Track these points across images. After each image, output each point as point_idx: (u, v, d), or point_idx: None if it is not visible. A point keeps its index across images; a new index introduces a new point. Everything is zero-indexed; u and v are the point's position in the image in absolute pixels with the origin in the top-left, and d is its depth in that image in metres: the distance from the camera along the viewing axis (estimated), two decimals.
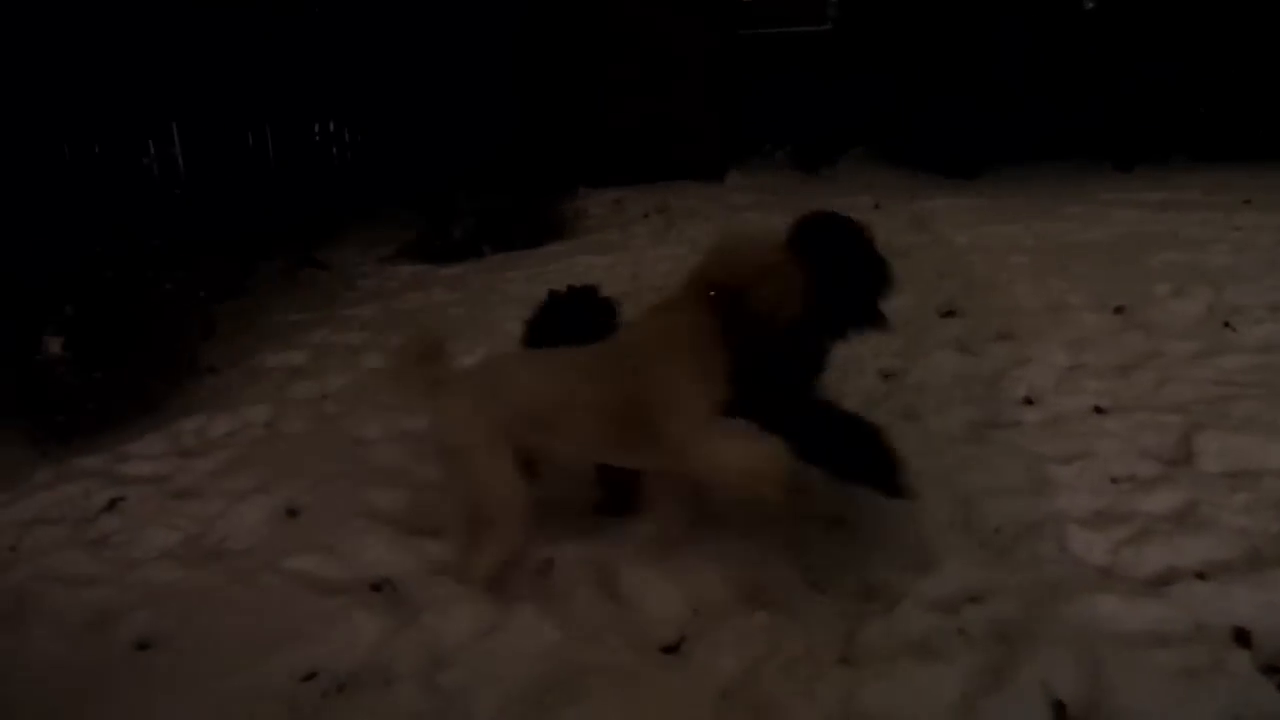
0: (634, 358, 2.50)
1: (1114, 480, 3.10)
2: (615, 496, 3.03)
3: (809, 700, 2.22)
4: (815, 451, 2.58)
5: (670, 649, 2.47)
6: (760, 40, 10.48)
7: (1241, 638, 2.34)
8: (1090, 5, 8.86)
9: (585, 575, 2.74)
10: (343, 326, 5.32)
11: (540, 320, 3.15)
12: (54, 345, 4.01)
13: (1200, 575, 2.58)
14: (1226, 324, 4.37)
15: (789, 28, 10.57)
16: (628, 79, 9.59)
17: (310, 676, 2.46)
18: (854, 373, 4.22)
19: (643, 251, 6.84)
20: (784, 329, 2.50)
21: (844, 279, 2.71)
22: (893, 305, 4.90)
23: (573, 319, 3.07)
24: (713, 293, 2.51)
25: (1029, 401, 3.76)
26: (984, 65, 8.85)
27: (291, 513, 3.34)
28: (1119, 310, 4.67)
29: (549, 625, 2.54)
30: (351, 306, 5.76)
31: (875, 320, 2.83)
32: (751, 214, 7.84)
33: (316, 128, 8.47)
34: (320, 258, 7.29)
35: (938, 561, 2.70)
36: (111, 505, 3.55)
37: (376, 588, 2.81)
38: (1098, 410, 3.62)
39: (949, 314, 4.96)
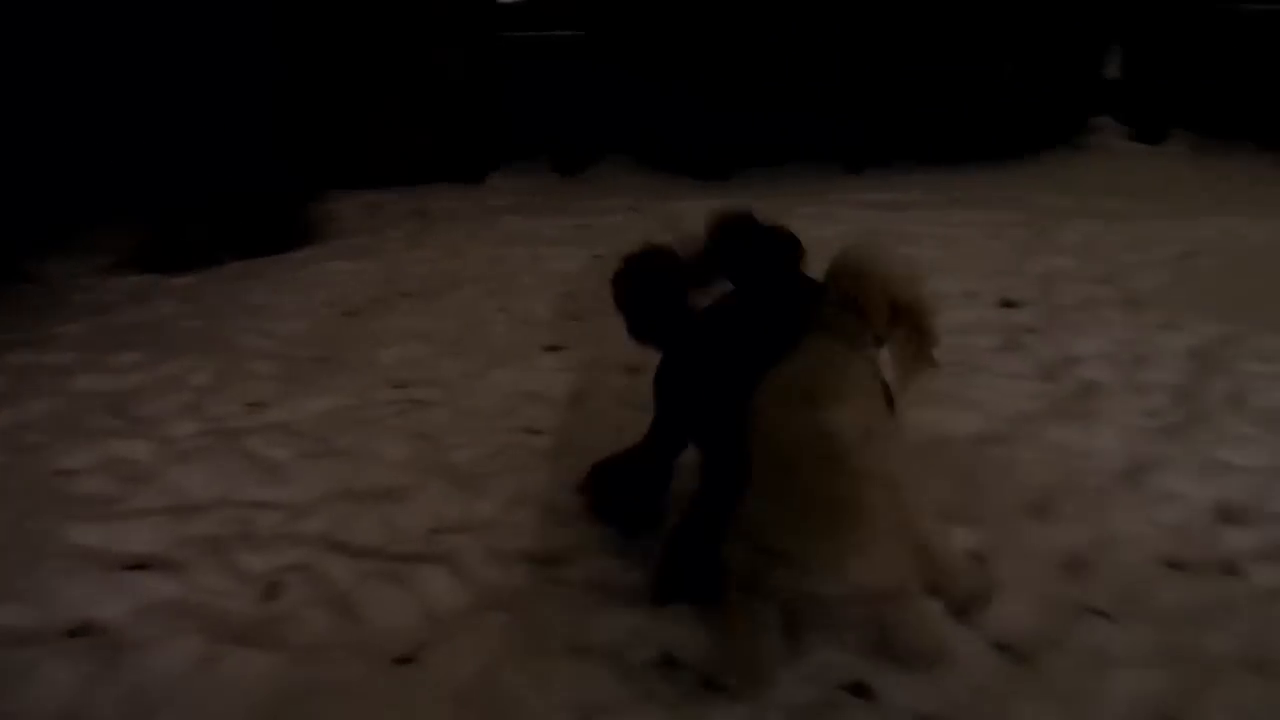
0: None
1: None
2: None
3: (543, 694, 2.24)
4: None
5: (404, 660, 2.41)
6: (520, 43, 10.48)
7: None
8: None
9: (313, 595, 2.63)
10: (49, 346, 4.80)
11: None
12: None
13: None
14: None
15: (548, 31, 10.65)
16: (385, 80, 9.31)
17: None
18: (602, 368, 4.32)
19: (397, 256, 6.67)
20: None
21: None
22: None
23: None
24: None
25: None
26: (730, 73, 9.33)
27: None
28: None
29: (271, 651, 2.41)
30: (62, 323, 5.20)
31: None
32: (512, 218, 7.83)
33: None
34: (30, 269, 6.54)
35: None
36: None
37: (74, 633, 2.55)
38: None
39: None
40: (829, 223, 7.29)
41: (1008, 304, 4.99)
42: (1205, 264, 5.60)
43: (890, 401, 2.49)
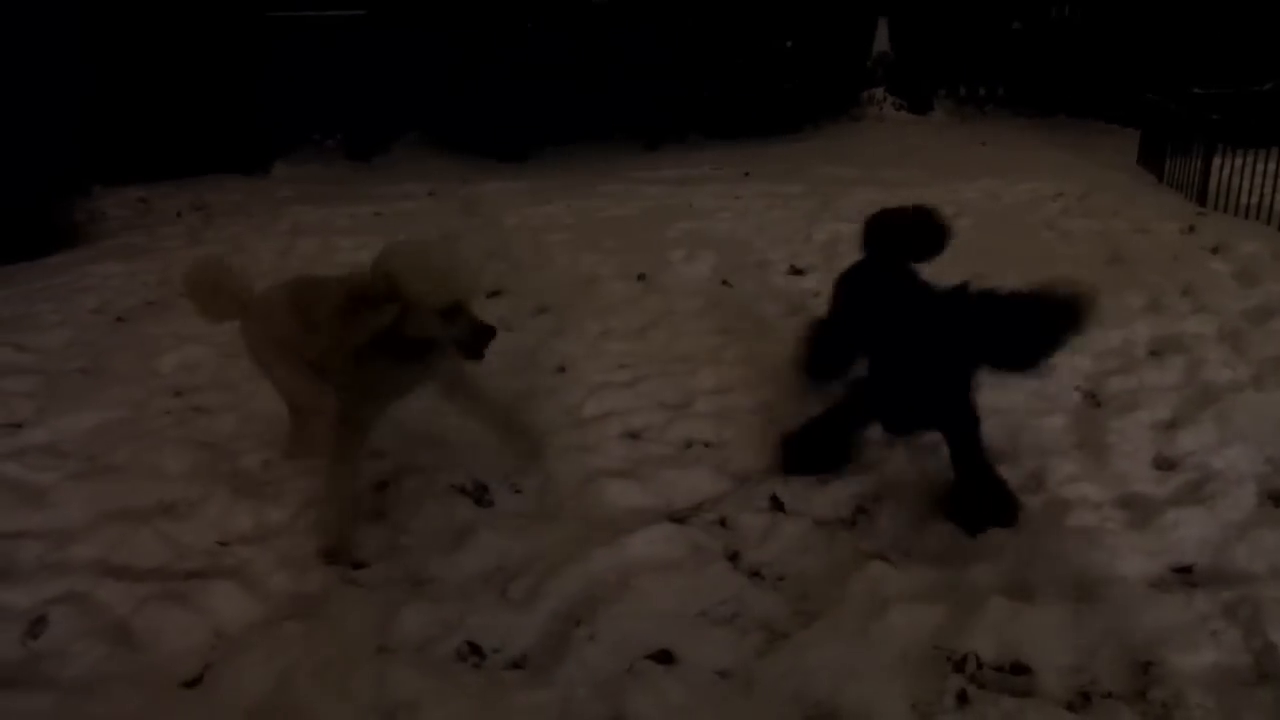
0: None
1: (632, 435, 3.42)
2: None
3: (343, 699, 2.18)
4: None
5: (192, 683, 2.28)
6: (300, 23, 9.94)
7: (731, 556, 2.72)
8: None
9: (85, 626, 2.43)
10: None
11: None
12: None
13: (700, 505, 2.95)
14: (725, 281, 5.03)
15: (326, 11, 10.16)
16: (152, 66, 8.60)
17: None
18: None
19: (174, 254, 6.21)
20: None
21: None
22: None
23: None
24: None
25: (562, 370, 4.01)
26: (527, 53, 9.24)
27: None
28: (641, 278, 5.16)
29: (38, 691, 2.22)
30: None
31: None
32: (301, 207, 7.46)
33: None
34: None
35: (473, 534, 2.79)
36: None
37: None
38: (622, 366, 3.99)
39: (495, 294, 5.13)
40: (630, 200, 7.40)
41: (796, 271, 5.24)
42: (967, 224, 6.08)
43: None
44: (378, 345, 2.55)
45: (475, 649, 2.35)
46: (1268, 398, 3.42)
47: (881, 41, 10.79)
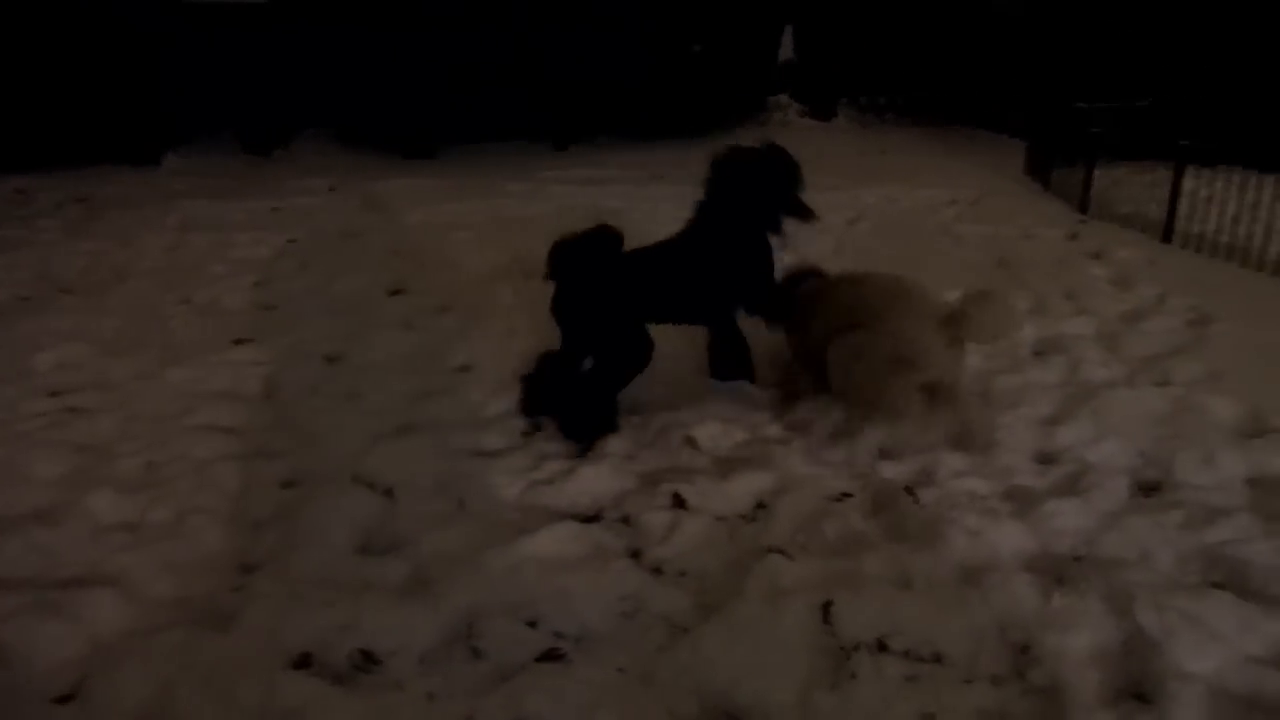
0: None
1: (523, 433, 3.41)
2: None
3: (229, 708, 2.10)
4: None
5: (65, 698, 2.17)
6: (197, 10, 9.56)
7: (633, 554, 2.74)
8: None
9: None
10: None
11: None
12: None
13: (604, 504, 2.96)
14: None
15: None
16: (32, 50, 8.17)
17: None
18: (299, 358, 4.10)
19: (53, 248, 5.91)
20: None
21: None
22: (344, 287, 4.88)
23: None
24: None
25: (465, 369, 3.97)
26: (434, 48, 9.09)
27: None
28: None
29: None
30: None
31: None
32: (193, 202, 7.19)
33: None
34: None
35: (371, 535, 2.73)
36: None
37: None
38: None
39: (397, 292, 5.04)
40: (538, 200, 7.38)
41: None
42: (866, 228, 6.26)
43: None
44: None
45: (369, 654, 2.30)
46: (1139, 395, 3.61)
47: (788, 50, 11.01)
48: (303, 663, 2.26)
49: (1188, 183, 5.80)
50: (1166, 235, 5.83)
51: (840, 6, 10.87)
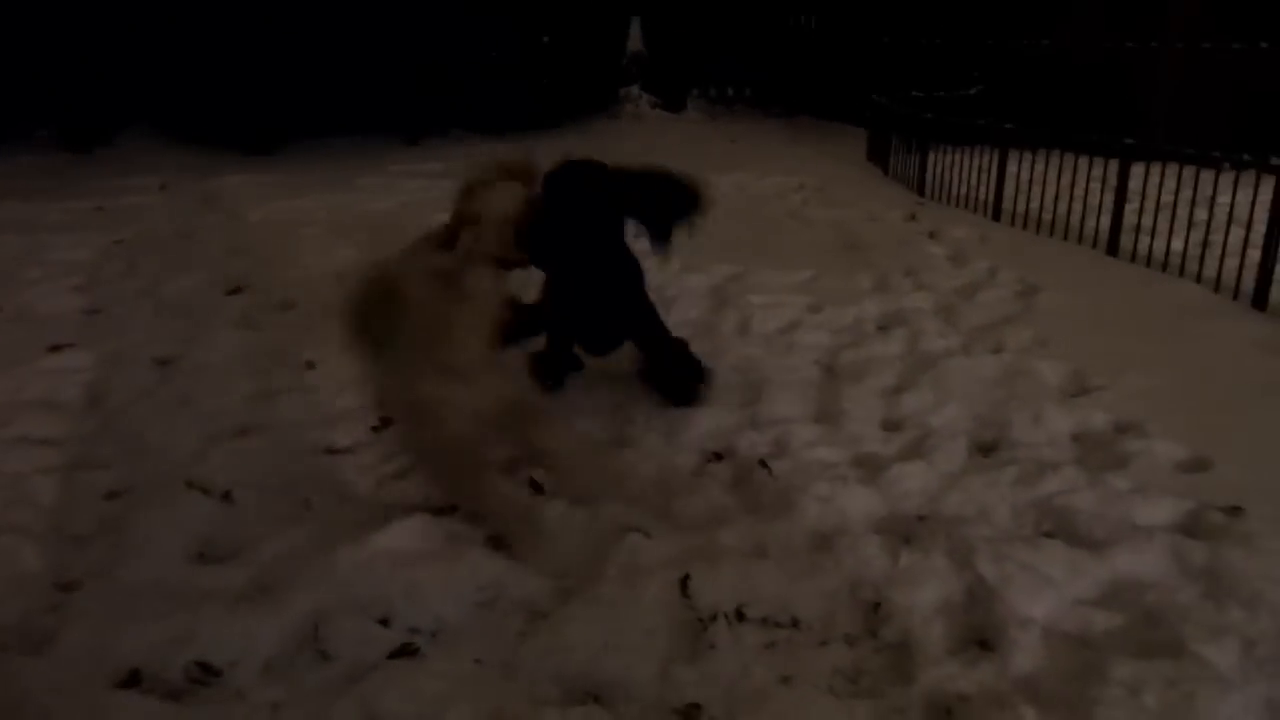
0: None
1: (373, 428, 3.30)
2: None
3: None
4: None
5: None
6: None
7: None
8: None
9: None
10: None
11: None
12: None
13: None
14: None
15: None
16: None
17: None
18: (126, 363, 3.83)
19: None
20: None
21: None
22: (177, 288, 4.59)
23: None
24: None
25: (311, 366, 3.80)
26: (280, 36, 8.66)
27: None
28: None
29: None
30: None
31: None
32: (5, 202, 6.62)
33: None
34: None
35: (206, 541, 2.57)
36: None
37: None
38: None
39: (235, 291, 4.78)
40: (388, 194, 7.17)
41: None
42: (719, 214, 6.33)
43: None
44: None
45: (207, 666, 2.16)
46: (975, 362, 3.80)
47: (637, 41, 11.09)
48: (131, 680, 2.10)
49: (1012, 165, 6.17)
50: (995, 214, 6.17)
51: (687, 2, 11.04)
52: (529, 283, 3.45)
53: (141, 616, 2.25)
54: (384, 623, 2.32)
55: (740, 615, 2.37)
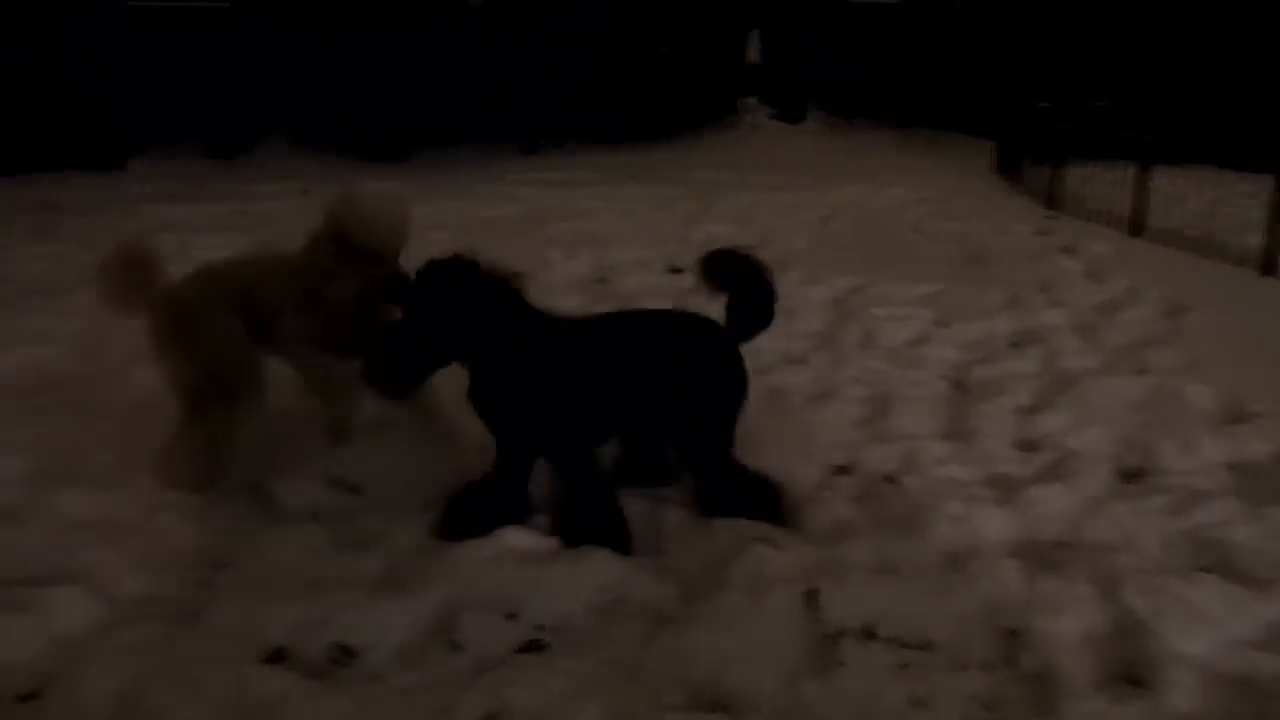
0: None
1: None
2: None
3: (201, 703, 2.02)
4: None
5: (29, 696, 2.08)
6: (160, 14, 9.39)
7: None
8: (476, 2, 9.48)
9: None
10: None
11: None
12: None
13: None
14: (603, 279, 5.02)
15: (189, 2, 9.66)
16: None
17: None
18: None
19: (17, 251, 5.76)
20: None
21: None
22: None
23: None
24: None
25: None
26: (402, 53, 9.01)
27: None
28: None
29: None
30: None
31: None
32: (157, 206, 7.05)
33: None
34: None
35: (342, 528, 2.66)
36: None
37: None
38: None
39: None
40: (507, 201, 7.32)
41: (675, 270, 5.27)
42: (839, 226, 6.27)
43: None
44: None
45: (345, 648, 2.23)
46: (1118, 383, 3.62)
47: (755, 54, 11.05)
48: (277, 657, 2.19)
49: (1156, 179, 5.87)
50: (1136, 229, 5.89)
51: (806, 10, 10.93)
52: None
53: (285, 597, 2.34)
54: (511, 617, 2.35)
55: (870, 633, 2.31)
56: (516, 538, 2.60)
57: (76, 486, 2.85)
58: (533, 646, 2.25)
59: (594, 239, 5.83)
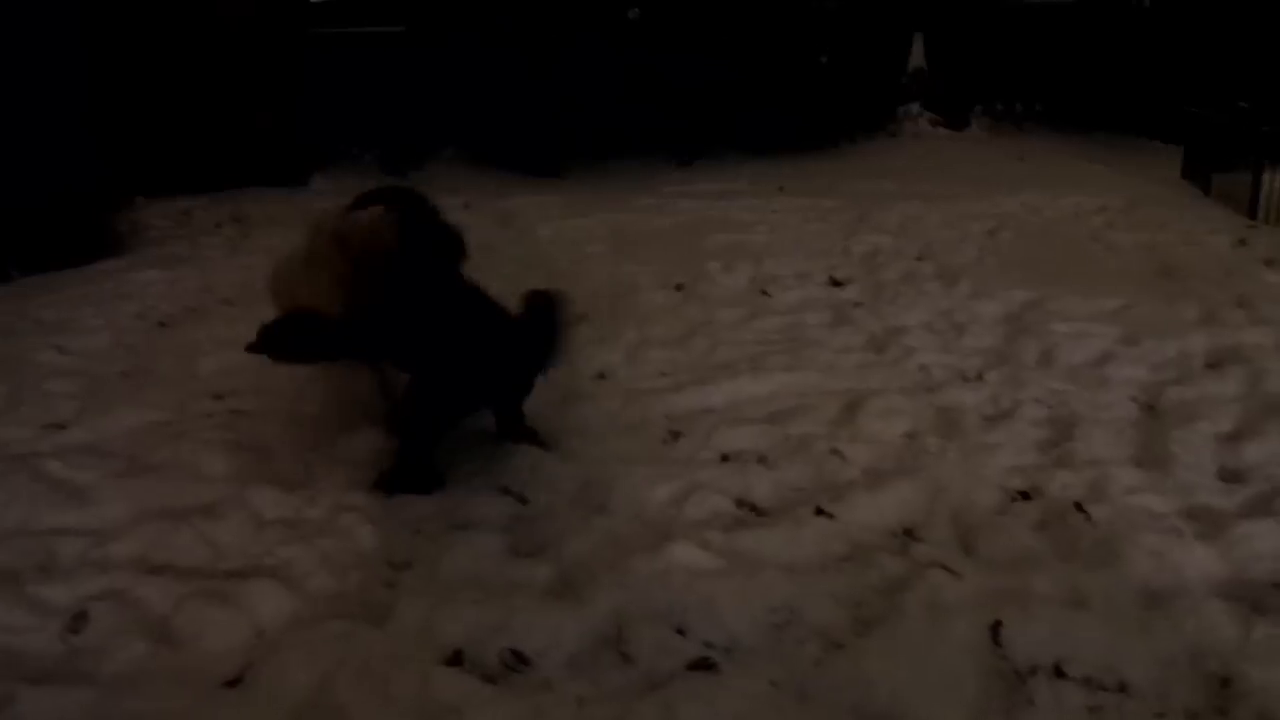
0: None
1: (674, 439, 3.36)
2: None
3: (385, 702, 2.12)
4: None
5: (233, 682, 2.23)
6: (339, 40, 10.03)
7: None
8: (635, 14, 9.60)
9: (126, 623, 2.39)
10: None
11: None
12: None
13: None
14: (764, 291, 4.97)
15: (364, 28, 10.26)
16: (191, 80, 8.71)
17: None
18: None
19: (214, 263, 6.25)
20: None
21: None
22: None
23: None
24: None
25: (601, 376, 3.96)
26: (562, 71, 9.26)
27: None
28: (679, 287, 5.10)
29: (78, 686, 2.18)
30: None
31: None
32: None
33: None
34: None
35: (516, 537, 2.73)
36: None
37: None
38: (662, 374, 3.93)
39: None
40: (664, 214, 7.37)
41: (835, 283, 5.16)
42: (1009, 237, 5.98)
43: None
44: None
45: (519, 654, 2.28)
46: None
47: (917, 58, 10.72)
48: (455, 659, 2.26)
49: None
50: None
51: (972, 13, 10.51)
52: None
53: (463, 601, 2.42)
54: (681, 633, 2.34)
55: (1060, 671, 2.17)
56: (685, 553, 2.60)
57: (272, 485, 3.05)
58: (703, 664, 2.24)
59: (752, 251, 5.79)
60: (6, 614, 2.42)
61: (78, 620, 2.40)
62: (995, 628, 2.28)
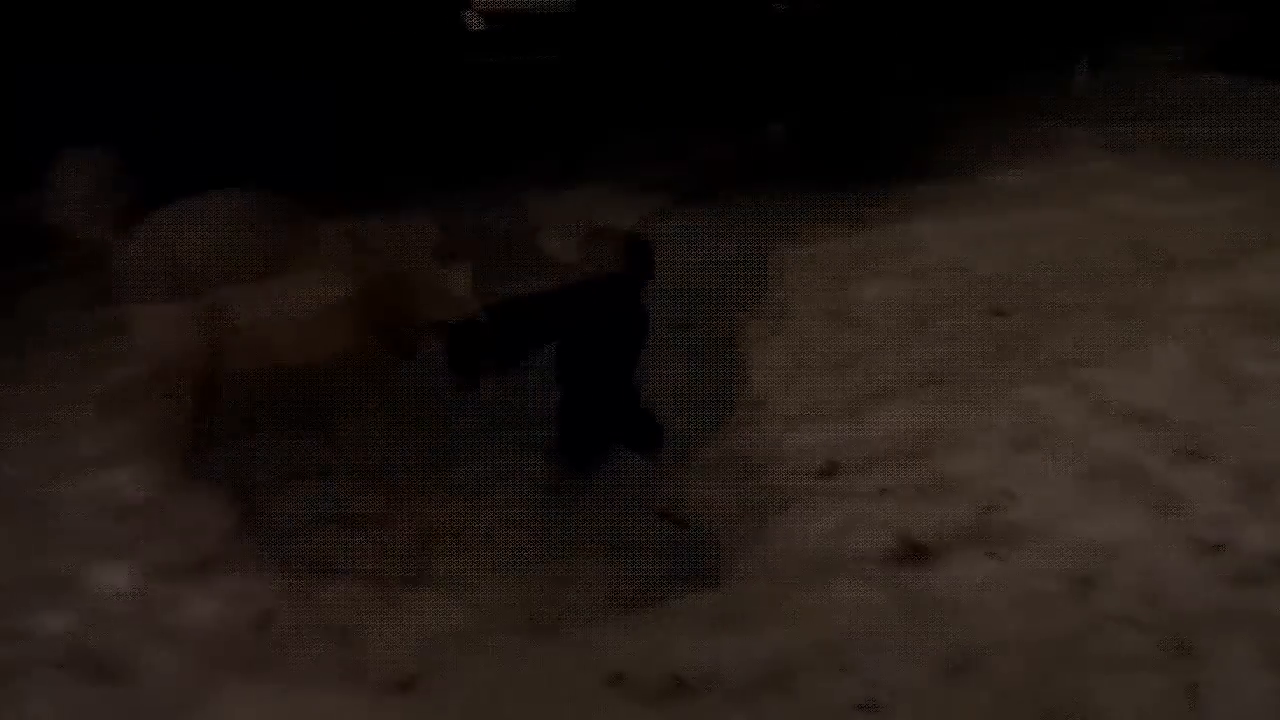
0: None
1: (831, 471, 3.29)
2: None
3: (547, 717, 2.15)
4: None
5: (407, 685, 2.32)
6: (493, 70, 10.33)
7: None
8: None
9: (308, 621, 2.53)
10: None
11: None
12: None
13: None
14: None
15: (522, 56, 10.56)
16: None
17: None
18: None
19: None
20: None
21: None
22: None
23: None
24: None
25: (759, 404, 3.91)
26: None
27: None
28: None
29: (266, 684, 2.31)
30: None
31: None
32: None
33: None
34: None
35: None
36: None
37: None
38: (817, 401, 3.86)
39: (685, 327, 5.09)
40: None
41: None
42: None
43: None
44: None
45: (679, 679, 2.28)
46: None
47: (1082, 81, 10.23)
48: (616, 680, 2.28)
49: None
50: None
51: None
52: None
53: (626, 622, 2.44)
54: (845, 670, 2.28)
55: None
56: (849, 588, 2.54)
57: (434, 494, 3.15)
58: (869, 706, 2.17)
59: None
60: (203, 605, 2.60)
61: (263, 617, 2.55)
62: (1192, 689, 2.12)
